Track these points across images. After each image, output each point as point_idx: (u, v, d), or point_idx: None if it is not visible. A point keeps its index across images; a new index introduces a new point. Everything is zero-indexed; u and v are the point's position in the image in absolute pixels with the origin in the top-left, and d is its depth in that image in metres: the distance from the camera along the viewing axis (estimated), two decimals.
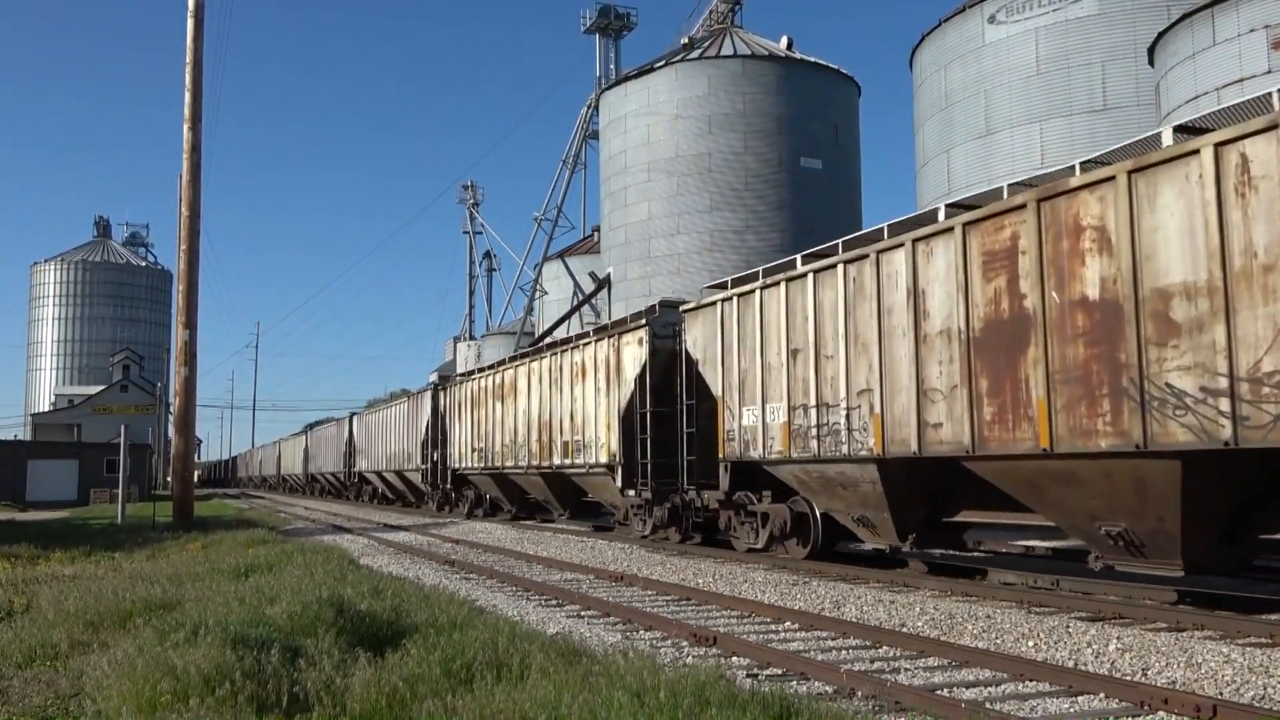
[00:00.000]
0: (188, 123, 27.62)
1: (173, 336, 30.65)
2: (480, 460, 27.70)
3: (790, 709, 5.60)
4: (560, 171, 58.97)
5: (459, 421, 30.16)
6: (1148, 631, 9.15)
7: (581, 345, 21.61)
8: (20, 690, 7.28)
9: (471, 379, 29.24)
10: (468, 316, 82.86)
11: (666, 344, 18.46)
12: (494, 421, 26.65)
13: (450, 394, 31.44)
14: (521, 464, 24.62)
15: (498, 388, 26.60)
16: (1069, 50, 27.19)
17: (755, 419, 14.94)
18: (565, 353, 22.47)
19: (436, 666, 6.69)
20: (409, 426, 36.34)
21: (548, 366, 23.27)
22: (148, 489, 52.63)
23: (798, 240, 34.81)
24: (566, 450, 21.92)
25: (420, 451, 34.36)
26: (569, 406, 21.92)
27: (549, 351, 23.60)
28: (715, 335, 16.14)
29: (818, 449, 13.47)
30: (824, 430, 13.35)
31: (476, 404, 28.34)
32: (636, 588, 13.06)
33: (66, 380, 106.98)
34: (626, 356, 19.40)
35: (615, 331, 20.06)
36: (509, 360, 26.97)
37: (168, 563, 15.38)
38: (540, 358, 23.85)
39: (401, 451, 37.53)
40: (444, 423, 32.03)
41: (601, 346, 20.53)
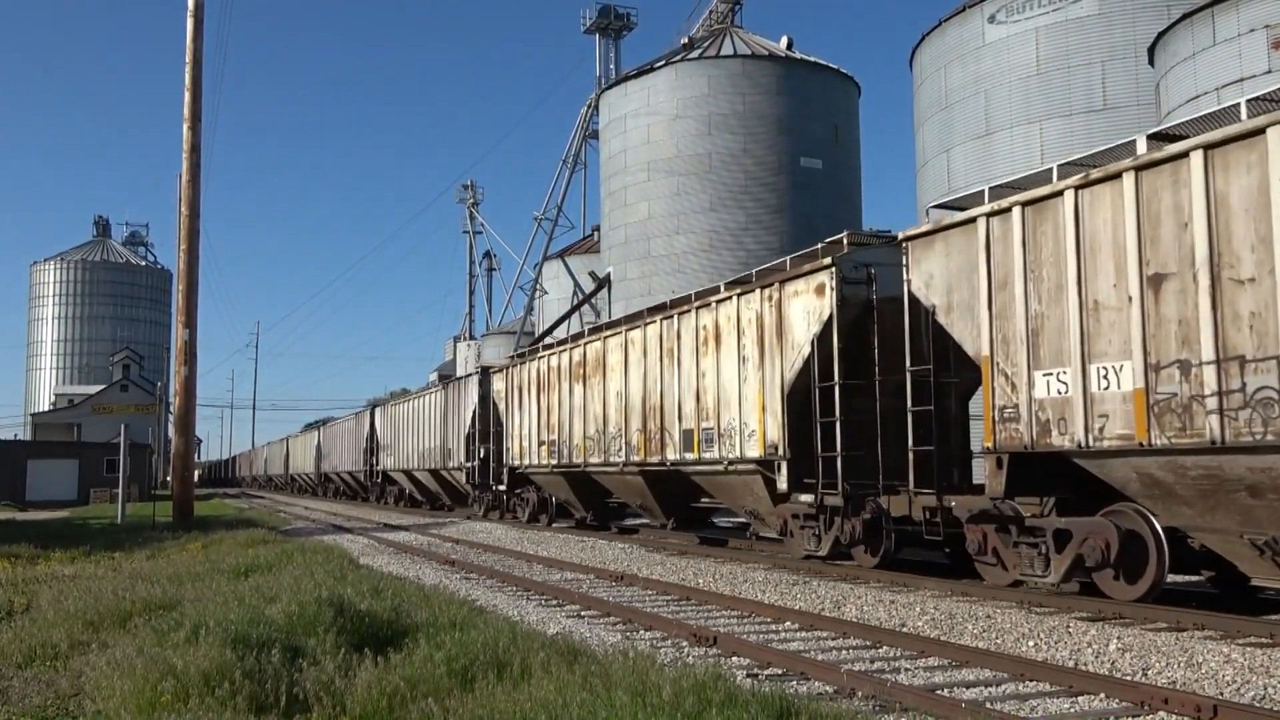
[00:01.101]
0: (188, 122, 27.62)
1: (173, 336, 30.65)
2: (550, 456, 23.13)
3: (790, 709, 5.60)
4: (560, 171, 59.00)
5: (519, 410, 25.30)
6: (1148, 631, 9.15)
7: (715, 303, 16.54)
8: (20, 690, 7.28)
9: (538, 357, 24.32)
10: (467, 316, 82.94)
11: (858, 292, 13.73)
12: (571, 408, 21.98)
13: (508, 377, 26.50)
14: (614, 460, 19.89)
15: (576, 366, 21.79)
16: (1069, 50, 27.18)
17: (1064, 387, 10.41)
18: (685, 314, 17.49)
19: (437, 666, 6.69)
20: (449, 418, 32.01)
21: (656, 335, 18.42)
22: (148, 489, 52.62)
23: (797, 240, 34.77)
24: (690, 442, 17.09)
25: (464, 447, 29.89)
26: (692, 384, 17.05)
27: (656, 315, 18.68)
28: (973, 268, 11.53)
29: (1219, 431, 8.84)
30: (1235, 400, 8.76)
31: (545, 387, 23.55)
32: (637, 587, 13.06)
33: (66, 380, 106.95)
34: (795, 311, 14.43)
35: (773, 279, 15.03)
36: (591, 332, 22.18)
37: (168, 563, 15.38)
38: (643, 324, 19.01)
39: (438, 447, 33.13)
40: (496, 412, 27.67)
41: (749, 302, 15.55)
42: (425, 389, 38.37)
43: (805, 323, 14.25)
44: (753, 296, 15.46)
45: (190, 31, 27.80)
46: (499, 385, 27.22)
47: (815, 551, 14.43)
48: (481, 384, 28.95)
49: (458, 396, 31.39)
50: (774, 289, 14.95)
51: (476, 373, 30.07)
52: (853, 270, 13.80)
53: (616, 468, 19.99)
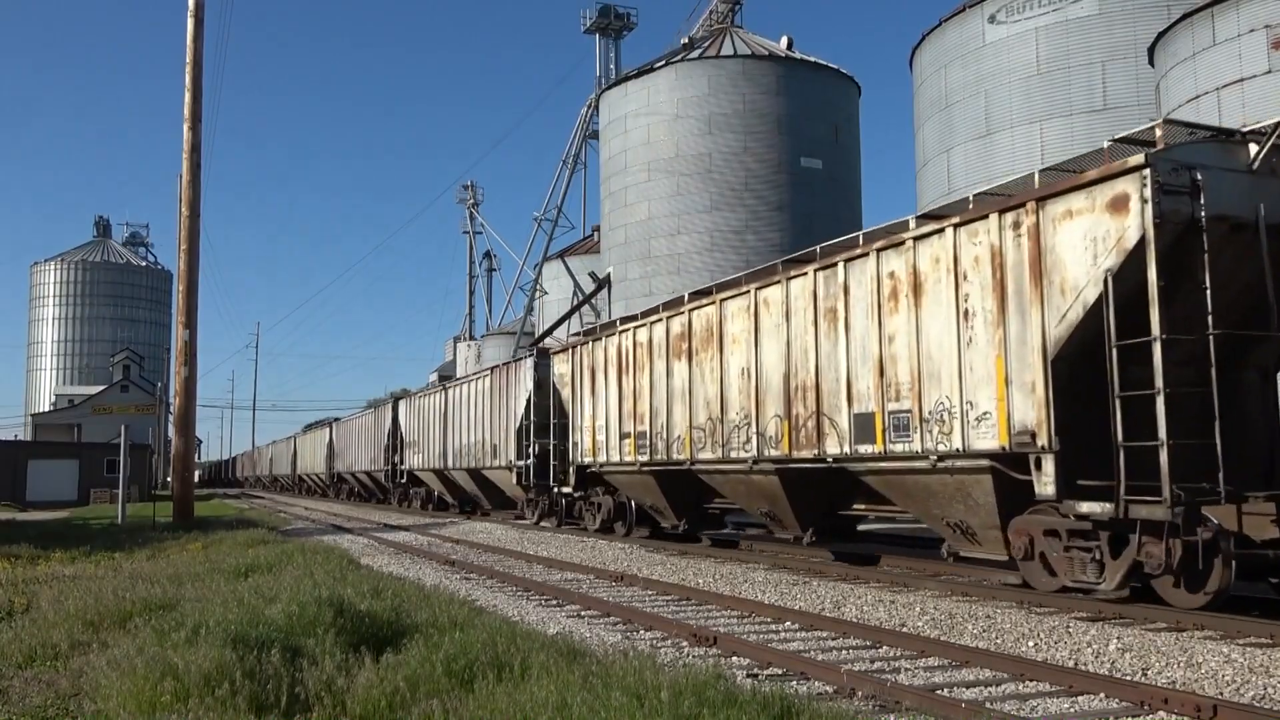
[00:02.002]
0: (188, 123, 27.62)
1: (173, 336, 30.64)
2: (637, 451, 18.85)
3: (790, 709, 5.60)
4: (560, 171, 58.99)
5: (591, 396, 20.87)
6: (1148, 631, 9.15)
7: (911, 241, 12.09)
8: (20, 690, 7.28)
9: (617, 331, 19.84)
10: (468, 316, 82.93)
11: (1178, 207, 9.65)
12: (670, 392, 17.61)
13: (575, 358, 21.86)
14: (739, 455, 15.53)
15: (677, 339, 17.41)
16: (1069, 50, 27.17)
17: None
18: (857, 261, 13.00)
19: (437, 666, 6.69)
20: (495, 409, 27.51)
21: (807, 292, 13.93)
22: (148, 489, 52.61)
23: (798, 240, 34.78)
24: (867, 430, 12.73)
25: (514, 443, 25.57)
26: (870, 353, 12.70)
27: (806, 266, 14.10)
28: None
29: None
30: None
31: (629, 367, 19.19)
32: (637, 588, 13.06)
33: (66, 380, 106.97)
34: (1067, 240, 10.28)
35: (1019, 200, 10.87)
36: (694, 296, 17.46)
37: (168, 563, 15.38)
38: (782, 279, 14.52)
39: (479, 443, 28.60)
40: (558, 400, 23.15)
41: (973, 235, 11.36)
42: (465, 377, 32.71)
43: (1087, 255, 10.04)
44: (981, 226, 11.22)
45: (190, 32, 27.80)
46: (562, 368, 22.53)
47: (1094, 584, 10.19)
48: (538, 368, 24.50)
49: (507, 384, 26.72)
50: (1022, 212, 10.70)
51: (529, 355, 25.66)
52: (1171, 174, 9.67)
53: (741, 465, 15.45)
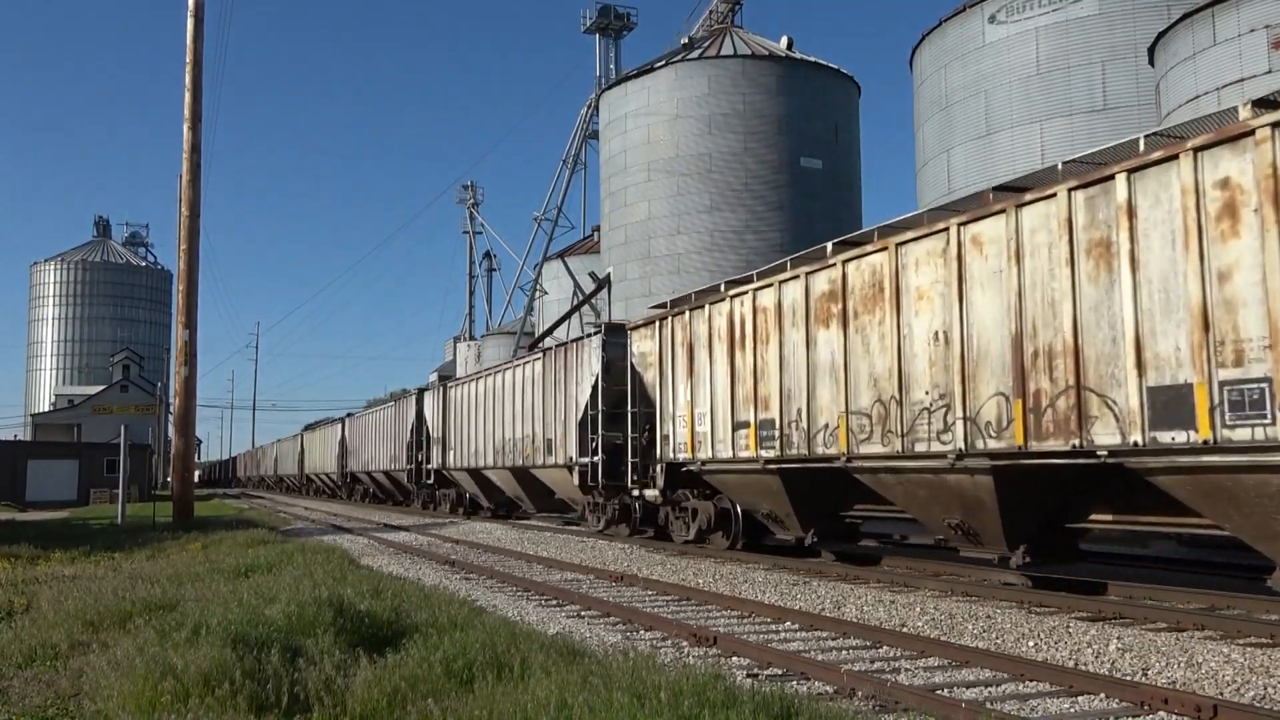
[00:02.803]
0: (188, 123, 27.62)
1: (173, 336, 30.65)
2: (758, 444, 14.99)
3: (790, 709, 5.60)
4: (560, 171, 59.04)
5: (688, 377, 17.10)
6: (1148, 631, 9.16)
7: (1275, 131, 8.35)
8: (20, 690, 7.28)
9: (726, 297, 16.07)
10: (468, 316, 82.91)
11: None
12: (811, 368, 13.87)
13: (664, 333, 18.01)
14: (935, 448, 11.63)
15: (822, 302, 13.72)
16: (1069, 50, 27.19)
17: None
18: (1144, 173, 9.47)
19: (437, 666, 6.69)
20: (547, 398, 23.54)
21: (1054, 222, 10.34)
22: (148, 489, 52.63)
23: (797, 240, 34.82)
24: (1179, 407, 9.03)
25: (575, 436, 21.57)
26: (1181, 298, 9.09)
27: (1048, 189, 10.46)
28: None
29: None
30: None
31: (746, 339, 15.42)
32: (637, 588, 13.05)
33: (66, 380, 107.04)
34: None
35: None
36: (839, 247, 13.77)
37: (168, 563, 15.38)
38: (1007, 207, 10.79)
39: (525, 438, 24.69)
40: (636, 385, 19.16)
41: None
42: (506, 363, 28.46)
43: None
44: None
45: (190, 32, 27.80)
46: (643, 346, 18.91)
47: None
48: (607, 347, 20.51)
49: (566, 367, 22.60)
50: None
51: (595, 332, 21.50)
52: None
53: (934, 461, 11.70)
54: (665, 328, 18.07)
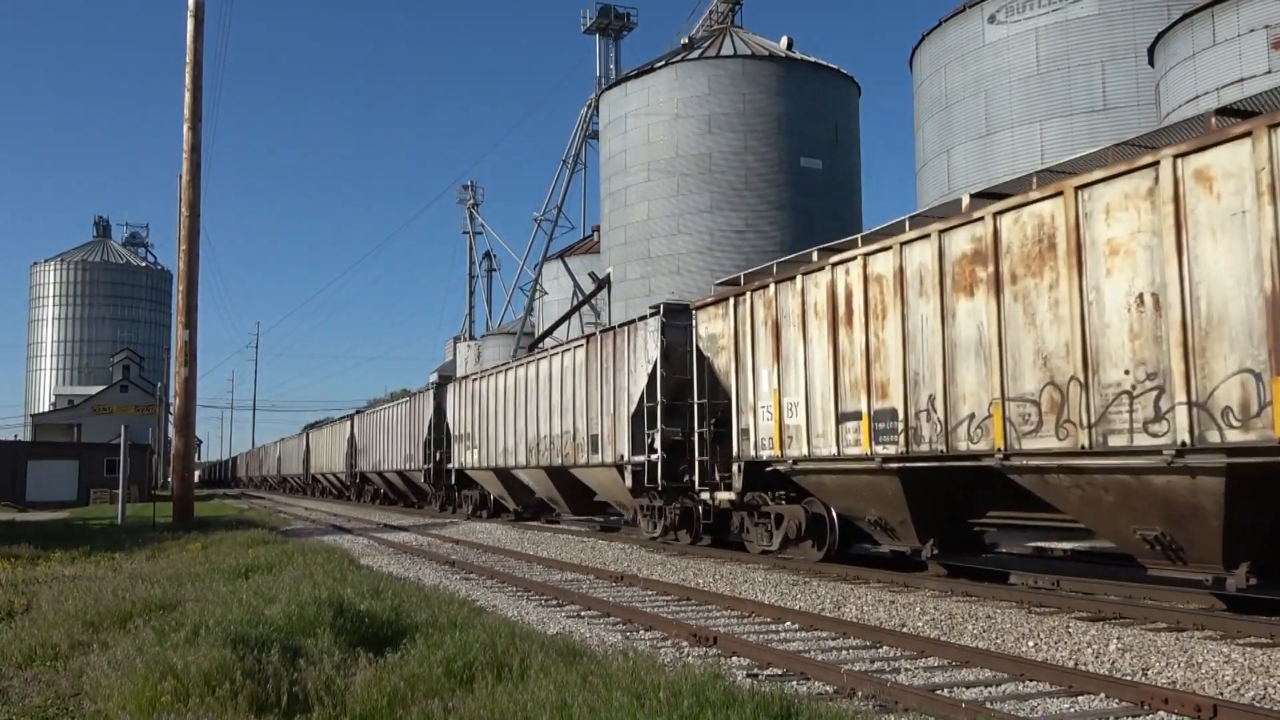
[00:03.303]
0: (188, 123, 27.62)
1: (173, 336, 30.66)
2: (873, 439, 12.71)
3: (790, 709, 5.60)
4: (560, 171, 59.05)
5: (774, 361, 14.68)
6: (1148, 631, 9.16)
7: None
8: (20, 690, 7.28)
9: (829, 265, 13.62)
10: (467, 317, 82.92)
11: None
12: (949, 346, 11.60)
13: (741, 311, 15.65)
14: (1144, 442, 9.41)
15: (962, 266, 11.43)
16: (1069, 50, 27.20)
17: None
18: None
19: (437, 666, 6.70)
20: (591, 389, 20.97)
21: None
22: (148, 489, 52.63)
23: (797, 240, 34.83)
24: None
25: (626, 431, 19.02)
26: None
27: None
28: None
29: None
30: None
31: (855, 315, 13.02)
32: (637, 588, 13.06)
33: (66, 380, 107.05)
34: None
35: None
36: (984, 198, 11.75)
37: (168, 563, 15.38)
38: (1258, 128, 8.57)
39: (565, 434, 22.34)
40: (705, 372, 16.81)
41: None
42: (542, 352, 25.49)
43: None
44: None
45: (190, 32, 27.80)
46: (713, 327, 16.52)
47: None
48: (667, 331, 18.16)
49: (615, 353, 19.98)
50: None
51: (653, 313, 18.78)
52: None
53: (1140, 458, 9.50)
54: (742, 305, 15.62)
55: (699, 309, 17.17)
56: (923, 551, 13.01)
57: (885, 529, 13.39)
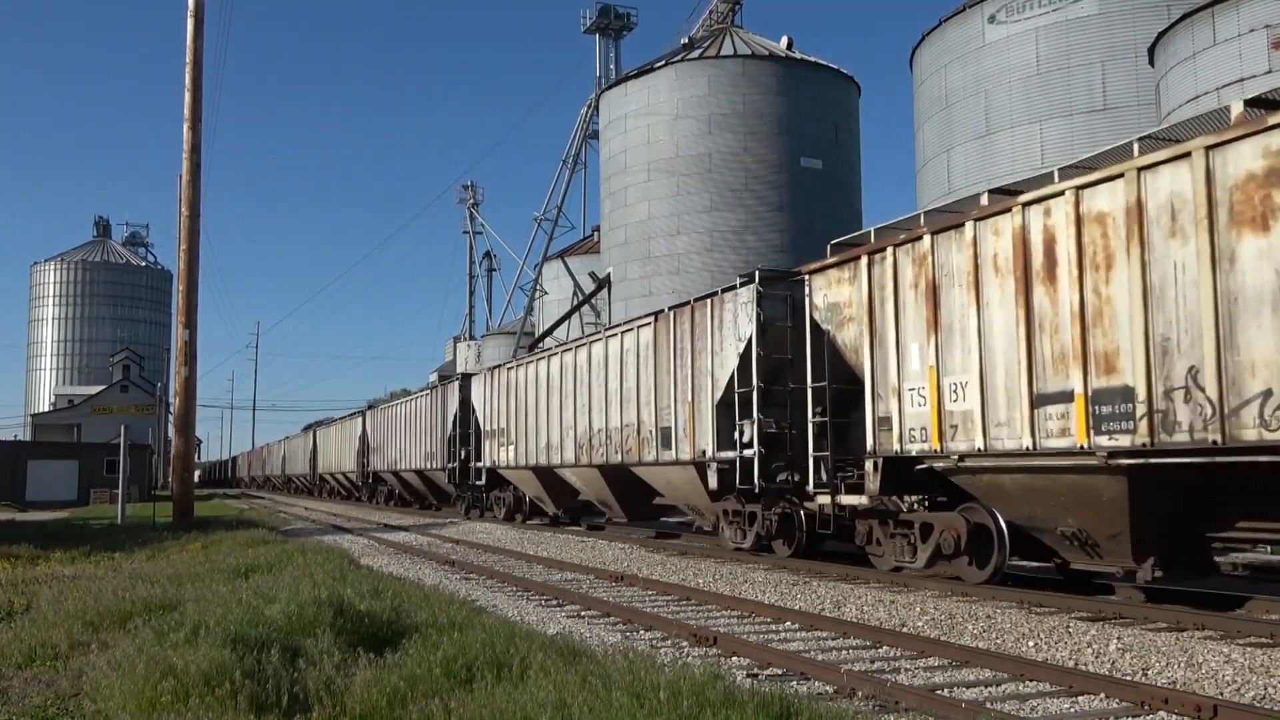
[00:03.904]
0: (188, 123, 27.63)
1: (173, 336, 30.66)
2: (1091, 426, 10.10)
3: (790, 709, 5.60)
4: (560, 171, 59.09)
5: (929, 332, 12.05)
6: (1148, 631, 9.15)
7: None
8: (20, 690, 7.28)
9: (1014, 208, 11.00)
10: (468, 316, 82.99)
11: None
12: (1241, 299, 8.88)
13: (877, 272, 13.00)
14: None
15: (1252, 192, 8.82)
16: (1069, 50, 27.20)
17: None
18: None
19: (437, 666, 6.70)
20: (660, 376, 18.13)
21: None
22: (148, 489, 52.63)
23: (797, 240, 34.87)
24: None
25: (710, 423, 16.46)
26: None
27: None
28: None
29: None
30: None
31: (1051, 269, 10.59)
32: (637, 588, 13.05)
33: (66, 380, 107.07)
34: None
35: None
36: None
37: (168, 563, 15.38)
38: None
39: (627, 428, 19.26)
40: (825, 353, 13.96)
41: None
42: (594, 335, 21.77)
43: None
44: None
45: (190, 32, 27.80)
46: (837, 294, 13.76)
47: None
48: (764, 303, 15.46)
49: (695, 333, 17.09)
50: None
51: (745, 281, 15.94)
52: None
53: None
54: (879, 265, 12.89)
55: (814, 273, 14.34)
56: (1139, 573, 10.63)
57: (1084, 544, 10.79)
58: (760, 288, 15.51)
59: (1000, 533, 11.55)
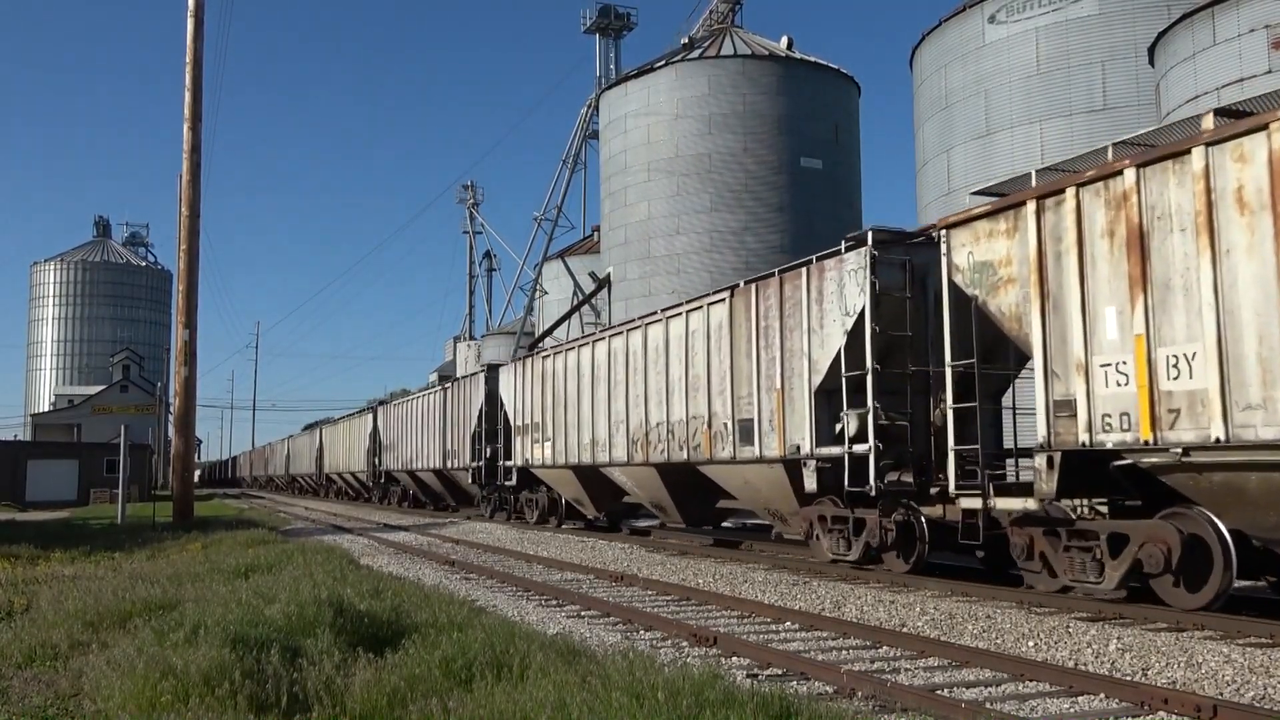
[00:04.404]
0: (188, 123, 27.63)
1: (173, 336, 30.66)
2: None
3: (790, 709, 5.60)
4: (560, 171, 59.06)
5: (1139, 289, 9.74)
6: (1148, 631, 9.15)
7: None
8: (20, 690, 7.28)
9: None
10: (468, 317, 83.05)
11: None
12: None
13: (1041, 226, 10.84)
14: None
15: None
16: (1069, 50, 27.18)
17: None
18: None
19: (436, 666, 6.70)
20: (748, 357, 15.58)
21: None
22: (148, 489, 52.62)
23: (797, 240, 34.83)
24: None
25: (810, 413, 14.11)
26: None
27: None
28: None
29: None
30: None
31: None
32: (637, 588, 13.05)
33: (66, 380, 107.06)
34: None
35: None
36: None
37: (168, 563, 15.38)
38: None
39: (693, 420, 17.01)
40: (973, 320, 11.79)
41: None
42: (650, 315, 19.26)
43: None
44: None
45: (190, 32, 27.80)
46: (988, 250, 11.62)
47: None
48: (880, 269, 13.17)
49: (785, 309, 14.78)
50: None
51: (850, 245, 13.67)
52: None
53: None
54: (1053, 212, 10.65)
55: (955, 227, 11.99)
56: None
57: None
58: (875, 251, 13.07)
59: (1225, 546, 9.33)
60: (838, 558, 13.98)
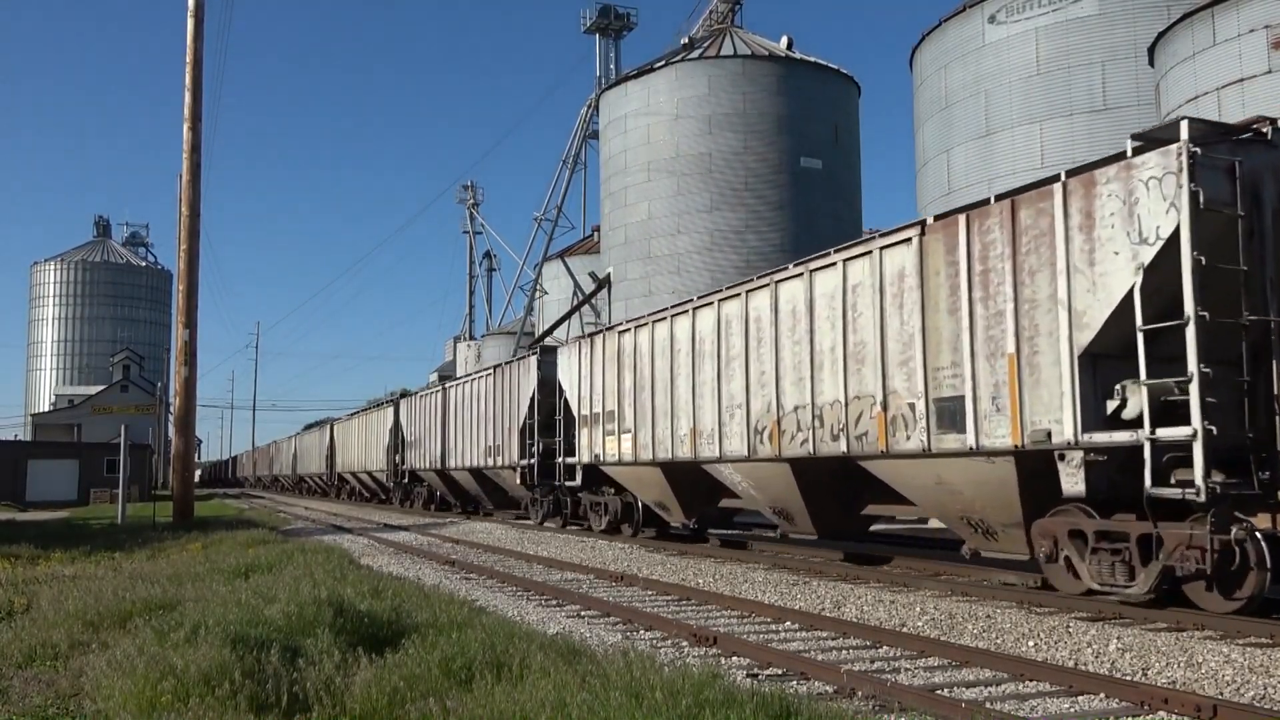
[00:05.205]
0: (188, 122, 27.63)
1: (173, 336, 30.66)
2: None
3: (790, 709, 5.60)
4: (560, 171, 59.05)
5: None
6: (1148, 631, 9.15)
7: None
8: (20, 690, 7.28)
9: None
10: (468, 317, 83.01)
11: None
12: None
13: None
14: None
15: None
16: (1069, 50, 27.18)
17: None
18: None
19: (436, 666, 6.70)
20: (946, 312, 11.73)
21: None
22: (148, 489, 52.63)
23: (798, 240, 34.84)
24: None
25: (1073, 389, 10.02)
26: None
27: None
28: None
29: None
30: None
31: None
32: (637, 588, 13.05)
33: (66, 380, 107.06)
34: None
35: None
36: None
37: (168, 563, 15.38)
38: None
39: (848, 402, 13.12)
40: None
41: None
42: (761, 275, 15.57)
43: None
44: None
45: (190, 32, 27.80)
46: None
47: None
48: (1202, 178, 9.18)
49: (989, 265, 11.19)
50: None
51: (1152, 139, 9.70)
52: None
53: None
54: None
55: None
56: None
57: None
58: (1195, 148, 9.18)
59: None
60: (1108, 589, 10.00)
